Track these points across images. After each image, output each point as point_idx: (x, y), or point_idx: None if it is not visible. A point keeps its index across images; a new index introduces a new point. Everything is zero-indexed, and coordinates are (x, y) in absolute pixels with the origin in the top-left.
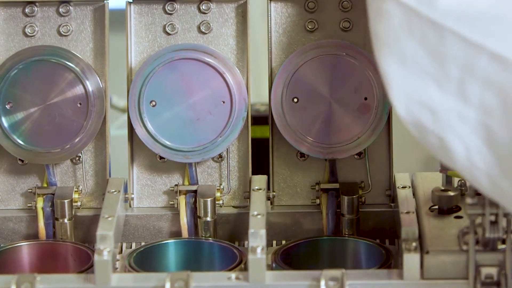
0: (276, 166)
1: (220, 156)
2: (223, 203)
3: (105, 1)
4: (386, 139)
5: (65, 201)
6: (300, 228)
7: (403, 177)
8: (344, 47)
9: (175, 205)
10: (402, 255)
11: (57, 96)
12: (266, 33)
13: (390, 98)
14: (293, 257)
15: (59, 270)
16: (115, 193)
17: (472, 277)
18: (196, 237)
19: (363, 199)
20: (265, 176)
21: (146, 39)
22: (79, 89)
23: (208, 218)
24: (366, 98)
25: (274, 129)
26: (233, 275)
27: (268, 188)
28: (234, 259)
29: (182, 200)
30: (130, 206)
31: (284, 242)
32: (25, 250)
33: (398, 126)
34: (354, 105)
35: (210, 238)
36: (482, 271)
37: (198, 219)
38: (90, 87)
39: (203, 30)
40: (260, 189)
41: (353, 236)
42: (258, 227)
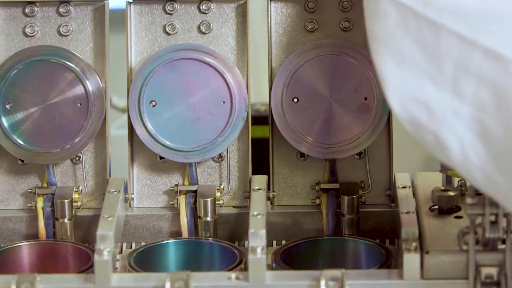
0: (276, 166)
1: (220, 156)
2: (223, 203)
3: (105, 1)
4: (386, 139)
5: (65, 201)
6: (300, 228)
7: (403, 177)
8: (344, 47)
9: (175, 205)
10: (402, 255)
11: (57, 96)
12: (266, 33)
13: (386, 96)
14: (293, 257)
15: (59, 270)
16: (115, 193)
17: (472, 277)
18: (196, 237)
19: (363, 199)
20: (265, 176)
21: (146, 39)
22: (79, 89)
23: (208, 218)
24: (366, 98)
25: (274, 129)
26: (233, 275)
27: (268, 188)
28: (234, 259)
29: (182, 200)
30: (130, 206)
31: (284, 242)
32: (25, 250)
33: (398, 126)
34: (354, 105)
35: (210, 238)
36: (482, 271)
37: (198, 219)
38: (90, 87)
39: (203, 30)
40: (260, 189)
41: (353, 236)
42: (258, 227)
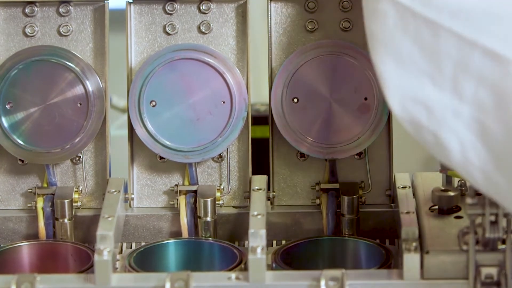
0: (276, 166)
1: (220, 156)
2: (223, 203)
3: (105, 1)
4: (386, 139)
5: (65, 201)
6: (300, 228)
7: (403, 177)
8: (344, 47)
9: (175, 205)
10: (402, 255)
11: (57, 96)
12: (266, 33)
13: (385, 97)
14: (293, 257)
15: (59, 270)
16: (115, 193)
17: (472, 277)
18: (196, 237)
19: (363, 199)
20: (265, 176)
21: (146, 39)
22: (79, 89)
23: (208, 218)
24: (366, 98)
25: (274, 129)
26: (233, 275)
27: (268, 188)
28: (234, 259)
29: (182, 200)
30: (130, 206)
31: (284, 242)
32: (25, 250)
33: (398, 126)
34: (354, 105)
35: (210, 238)
36: (482, 271)
37: (198, 219)
38: (90, 87)
39: (203, 30)
40: (260, 189)
41: (353, 236)
42: (258, 227)
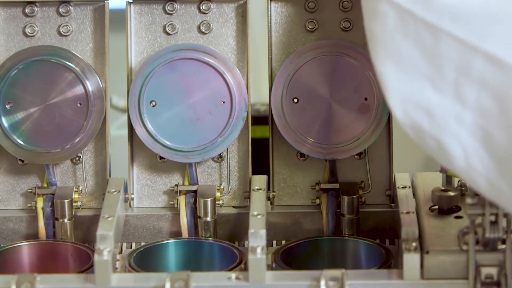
0: (276, 166)
1: (220, 156)
2: (223, 203)
3: (105, 1)
4: (386, 139)
5: (65, 201)
6: (300, 228)
7: (403, 177)
8: (344, 47)
9: (175, 205)
10: (402, 255)
11: (57, 96)
12: (266, 33)
13: (387, 100)
14: (293, 257)
15: (59, 270)
16: (115, 193)
17: (472, 277)
18: (196, 237)
19: (363, 199)
20: (265, 176)
21: (146, 39)
22: (79, 89)
23: (208, 218)
24: (366, 99)
25: (274, 129)
26: (233, 275)
27: (268, 188)
28: (234, 259)
29: (182, 200)
30: (130, 206)
31: (284, 242)
32: (25, 250)
33: (398, 126)
34: (354, 105)
35: (210, 238)
36: (482, 271)
37: (198, 219)
38: (90, 87)
39: (203, 30)
40: (260, 189)
41: (353, 236)
42: (258, 227)
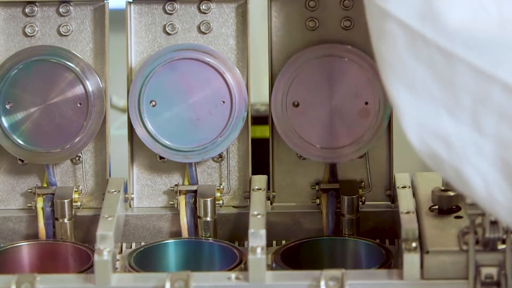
0: (276, 166)
1: (220, 156)
2: (223, 203)
3: (105, 1)
4: (386, 139)
5: (65, 201)
6: (300, 228)
7: (403, 177)
8: (345, 51)
9: (175, 205)
10: (402, 255)
11: (57, 96)
12: (266, 32)
13: (402, 126)
14: (293, 257)
15: (59, 270)
16: (115, 193)
17: (472, 277)
18: (196, 237)
19: (363, 199)
20: (265, 176)
21: (146, 39)
22: (79, 89)
23: (208, 218)
24: (367, 103)
25: (274, 129)
26: (233, 275)
27: (268, 188)
28: (234, 259)
29: (182, 200)
30: (130, 206)
31: (284, 242)
32: (25, 250)
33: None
34: (354, 109)
35: (210, 238)
36: (482, 271)
37: (198, 219)
38: (90, 87)
39: (203, 30)
40: (260, 189)
41: (353, 236)
42: (258, 227)
